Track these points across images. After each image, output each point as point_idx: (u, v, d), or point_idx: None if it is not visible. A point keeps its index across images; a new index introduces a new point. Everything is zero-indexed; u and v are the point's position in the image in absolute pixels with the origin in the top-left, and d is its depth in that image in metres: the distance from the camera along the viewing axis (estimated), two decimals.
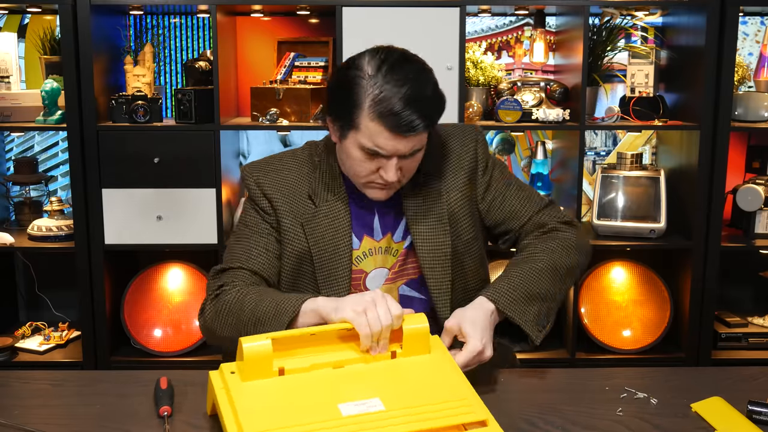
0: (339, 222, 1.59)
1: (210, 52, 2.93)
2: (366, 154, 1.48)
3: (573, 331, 2.82)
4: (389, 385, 1.26)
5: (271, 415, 1.17)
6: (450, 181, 1.63)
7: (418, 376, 1.29)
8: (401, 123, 1.41)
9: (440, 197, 1.61)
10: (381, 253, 1.62)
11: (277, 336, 1.28)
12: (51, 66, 2.91)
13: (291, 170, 1.64)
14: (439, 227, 1.60)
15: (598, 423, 1.36)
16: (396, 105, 1.41)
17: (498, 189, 1.66)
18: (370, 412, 1.18)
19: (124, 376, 1.59)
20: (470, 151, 1.65)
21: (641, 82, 2.86)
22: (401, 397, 1.23)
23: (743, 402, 1.38)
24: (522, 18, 3.09)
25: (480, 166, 1.65)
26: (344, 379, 1.28)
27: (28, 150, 3.14)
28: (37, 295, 3.13)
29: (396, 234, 1.63)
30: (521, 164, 3.19)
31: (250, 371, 1.24)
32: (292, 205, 1.60)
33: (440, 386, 1.26)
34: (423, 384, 1.27)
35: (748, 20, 3.09)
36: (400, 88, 1.42)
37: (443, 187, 1.63)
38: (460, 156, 1.65)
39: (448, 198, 1.62)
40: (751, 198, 2.80)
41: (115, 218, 2.73)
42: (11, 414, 1.39)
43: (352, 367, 1.30)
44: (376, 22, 2.63)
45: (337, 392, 1.23)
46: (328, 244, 1.58)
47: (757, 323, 2.98)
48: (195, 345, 2.87)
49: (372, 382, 1.27)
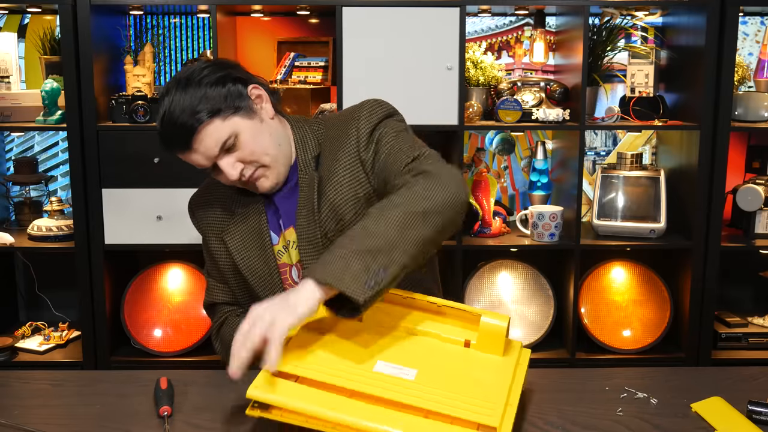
0: (255, 221, 1.62)
1: (210, 52, 2.93)
2: (204, 170, 1.55)
3: (573, 331, 2.82)
4: (435, 365, 1.29)
5: (320, 342, 1.29)
6: (331, 165, 1.56)
7: (471, 368, 1.31)
8: (168, 145, 1.52)
9: (317, 187, 1.55)
10: (291, 247, 1.62)
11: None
12: (51, 66, 2.91)
13: (216, 189, 1.69)
14: (311, 217, 1.55)
15: (598, 423, 1.36)
16: (161, 134, 1.51)
17: (383, 159, 1.52)
18: (399, 377, 1.24)
19: (124, 376, 1.60)
20: (352, 133, 1.55)
21: (641, 82, 2.86)
22: (437, 378, 1.26)
23: (743, 402, 1.39)
24: (522, 18, 3.09)
25: (361, 144, 1.54)
26: (403, 342, 1.33)
27: (28, 150, 3.14)
28: (37, 295, 3.13)
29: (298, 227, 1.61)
30: (521, 164, 3.19)
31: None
32: (213, 223, 1.67)
33: (482, 385, 1.27)
34: (468, 376, 1.29)
35: (748, 20, 3.10)
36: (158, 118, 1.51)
37: (319, 177, 1.57)
38: (340, 138, 1.56)
39: (327, 188, 1.55)
40: (751, 198, 2.80)
41: (115, 218, 2.73)
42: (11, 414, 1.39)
43: (423, 338, 1.35)
44: (376, 22, 2.63)
45: (386, 349, 1.30)
46: (249, 247, 1.62)
47: (757, 323, 2.98)
48: (195, 345, 2.87)
49: (423, 356, 1.30)
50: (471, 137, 3.15)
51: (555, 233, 2.79)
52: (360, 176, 1.55)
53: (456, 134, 2.70)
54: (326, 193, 1.56)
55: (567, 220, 2.84)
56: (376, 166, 1.54)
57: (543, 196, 3.06)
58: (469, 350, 1.35)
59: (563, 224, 2.82)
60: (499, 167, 3.17)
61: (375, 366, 1.26)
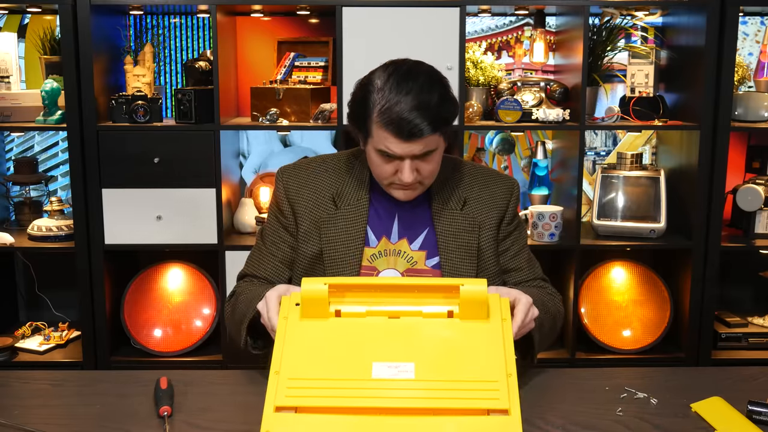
0: (355, 222, 1.68)
1: (210, 52, 2.93)
2: (382, 157, 1.59)
3: (573, 331, 2.82)
4: (429, 349, 1.29)
5: (309, 362, 1.27)
6: (484, 217, 1.71)
7: (462, 344, 1.30)
8: (405, 129, 1.52)
9: (472, 229, 1.69)
10: (393, 255, 1.68)
11: (336, 281, 1.37)
12: (51, 66, 2.91)
13: (320, 173, 1.74)
14: (467, 258, 1.68)
15: (598, 423, 1.36)
16: (400, 113, 1.52)
17: (514, 242, 1.76)
18: (399, 378, 1.23)
19: (124, 376, 1.59)
20: (504, 199, 1.75)
21: (641, 82, 2.86)
22: (435, 367, 1.26)
23: (743, 402, 1.39)
24: (522, 18, 3.09)
25: (508, 216, 1.75)
26: (390, 333, 1.33)
27: (28, 150, 3.14)
28: (37, 295, 3.13)
29: (414, 243, 1.69)
30: (521, 164, 3.19)
31: (306, 310, 1.35)
32: (313, 208, 1.71)
33: (479, 362, 1.27)
34: (463, 356, 1.28)
35: (748, 20, 3.10)
36: (404, 97, 1.53)
37: (477, 220, 1.70)
38: (495, 199, 1.74)
39: (480, 232, 1.70)
40: (751, 198, 2.80)
41: (115, 218, 2.73)
42: (11, 414, 1.39)
43: (407, 319, 1.34)
44: (376, 22, 2.63)
45: (378, 347, 1.29)
46: (340, 244, 1.67)
47: (757, 323, 2.98)
48: (195, 345, 2.87)
49: (415, 342, 1.30)
50: (471, 137, 3.15)
51: (555, 233, 2.79)
52: (497, 236, 1.73)
53: (456, 134, 2.70)
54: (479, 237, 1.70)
55: (567, 220, 2.84)
56: (504, 243, 1.74)
57: (543, 196, 3.06)
58: (454, 320, 1.34)
59: (563, 224, 2.82)
60: (499, 167, 3.17)
61: (372, 371, 1.25)
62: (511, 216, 1.75)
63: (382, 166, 1.60)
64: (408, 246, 1.69)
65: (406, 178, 1.58)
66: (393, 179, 1.62)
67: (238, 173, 3.09)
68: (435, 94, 1.56)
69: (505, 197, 1.74)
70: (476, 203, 1.72)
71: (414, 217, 1.70)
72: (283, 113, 2.78)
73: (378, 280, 1.41)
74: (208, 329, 2.87)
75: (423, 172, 1.60)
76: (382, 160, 1.59)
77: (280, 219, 1.74)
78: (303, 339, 1.31)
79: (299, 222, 1.71)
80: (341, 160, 1.77)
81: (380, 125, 1.55)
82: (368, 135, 1.59)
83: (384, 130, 1.54)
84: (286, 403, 1.21)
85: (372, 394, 1.21)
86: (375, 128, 1.56)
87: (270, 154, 3.13)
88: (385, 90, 1.55)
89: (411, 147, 1.55)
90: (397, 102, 1.53)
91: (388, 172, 1.61)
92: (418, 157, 1.57)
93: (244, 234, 2.90)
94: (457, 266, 1.67)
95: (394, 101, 1.53)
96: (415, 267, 1.67)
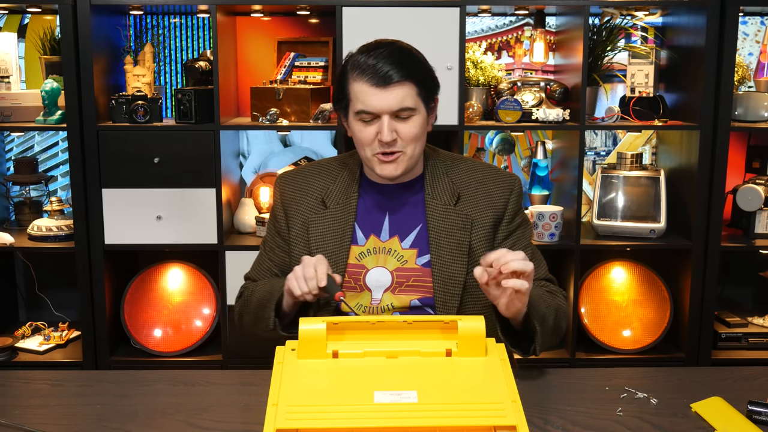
0: (343, 220, 1.69)
1: (210, 52, 2.93)
2: (362, 122, 1.61)
3: (573, 331, 2.82)
4: (430, 380, 1.29)
5: (309, 393, 1.26)
6: (478, 215, 1.69)
7: (463, 375, 1.31)
8: (378, 74, 1.57)
9: (465, 226, 1.67)
10: (383, 253, 1.67)
11: (334, 320, 1.36)
12: (51, 66, 2.91)
13: (315, 177, 1.76)
14: (458, 256, 1.66)
15: (598, 423, 1.36)
16: (374, 64, 1.58)
17: (517, 241, 1.72)
18: (402, 402, 1.22)
19: (124, 376, 1.60)
20: (502, 198, 1.72)
21: (641, 82, 2.86)
22: (438, 392, 1.25)
23: (743, 402, 1.39)
24: (522, 18, 3.09)
25: (507, 215, 1.72)
26: (389, 368, 1.32)
27: (28, 150, 3.14)
28: (37, 295, 3.13)
29: (405, 240, 1.68)
30: (521, 164, 3.19)
31: (305, 351, 1.34)
32: (304, 210, 1.73)
33: (482, 387, 1.27)
34: (465, 383, 1.28)
35: (748, 20, 3.10)
36: (376, 51, 1.60)
37: (470, 217, 1.68)
38: (492, 197, 1.72)
39: (472, 230, 1.68)
40: (751, 198, 2.80)
41: (115, 218, 2.73)
42: (11, 414, 1.39)
43: (405, 359, 1.34)
44: (376, 22, 2.63)
45: (378, 380, 1.28)
46: (326, 242, 1.68)
47: (757, 323, 2.98)
48: (195, 345, 2.87)
49: (415, 375, 1.30)
50: (471, 137, 3.15)
51: (555, 233, 2.79)
52: (493, 237, 1.70)
53: (456, 134, 2.70)
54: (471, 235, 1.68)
55: (567, 220, 2.84)
56: (504, 244, 1.70)
57: (543, 196, 3.06)
58: (453, 359, 1.34)
59: (563, 224, 2.82)
60: (499, 167, 3.17)
61: (375, 398, 1.23)
62: (511, 215, 1.72)
63: (363, 132, 1.61)
64: (399, 244, 1.68)
65: (386, 137, 1.58)
66: (375, 147, 1.61)
67: (238, 173, 3.09)
68: (407, 53, 1.62)
69: (503, 196, 1.72)
70: (471, 200, 1.70)
71: (406, 214, 1.70)
72: (283, 113, 2.78)
73: (375, 318, 1.39)
74: (208, 329, 2.87)
75: (402, 134, 1.60)
76: (363, 125, 1.61)
77: (275, 225, 1.77)
78: (301, 375, 1.30)
79: (291, 225, 1.73)
80: (336, 162, 1.79)
81: (355, 78, 1.59)
82: (348, 102, 1.62)
83: (358, 81, 1.58)
84: (288, 426, 1.18)
85: (375, 416, 1.19)
86: (351, 86, 1.60)
87: (270, 154, 3.13)
88: (361, 55, 1.62)
89: (386, 96, 1.57)
90: (369, 56, 1.59)
91: (369, 137, 1.61)
92: (396, 116, 1.59)
93: (244, 234, 2.90)
94: (447, 263, 1.65)
95: (367, 56, 1.60)
96: (405, 266, 1.66)
